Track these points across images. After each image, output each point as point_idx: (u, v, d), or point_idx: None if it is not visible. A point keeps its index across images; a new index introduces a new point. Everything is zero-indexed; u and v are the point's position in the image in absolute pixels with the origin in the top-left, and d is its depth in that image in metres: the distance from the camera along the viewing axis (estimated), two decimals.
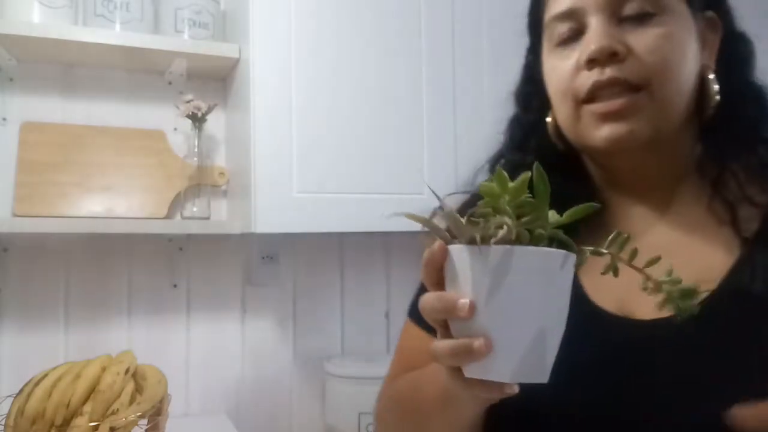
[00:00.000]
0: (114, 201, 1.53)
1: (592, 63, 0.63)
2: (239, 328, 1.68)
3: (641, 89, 0.63)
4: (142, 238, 1.59)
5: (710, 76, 0.67)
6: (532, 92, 0.75)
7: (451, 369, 0.50)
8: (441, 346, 0.49)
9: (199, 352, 1.64)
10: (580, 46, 0.65)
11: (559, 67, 0.67)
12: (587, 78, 0.64)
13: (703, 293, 0.50)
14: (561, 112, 0.68)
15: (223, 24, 1.62)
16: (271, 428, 1.69)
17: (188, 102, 1.54)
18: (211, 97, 1.60)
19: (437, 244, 0.49)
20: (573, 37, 0.66)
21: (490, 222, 0.46)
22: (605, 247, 0.50)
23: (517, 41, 0.79)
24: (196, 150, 1.58)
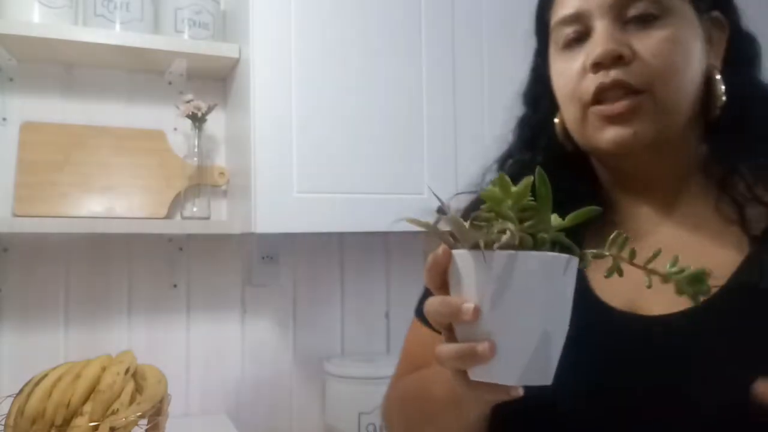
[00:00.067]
0: (114, 201, 1.53)
1: (597, 67, 0.64)
2: (239, 328, 1.68)
3: (644, 92, 0.63)
4: (142, 238, 1.59)
5: (717, 76, 0.67)
6: (540, 93, 0.75)
7: (456, 372, 0.51)
8: (445, 349, 0.50)
9: (199, 352, 1.64)
10: (586, 49, 0.66)
11: (565, 70, 0.68)
12: (592, 81, 0.65)
13: (710, 285, 0.51)
14: (568, 114, 0.69)
15: (223, 24, 1.62)
16: (271, 428, 1.69)
17: (188, 102, 1.54)
18: (211, 97, 1.60)
19: (441, 249, 0.50)
20: (579, 40, 0.67)
21: (493, 227, 0.46)
22: (606, 249, 0.51)
23: (517, 41, 0.79)
24: (196, 150, 1.58)
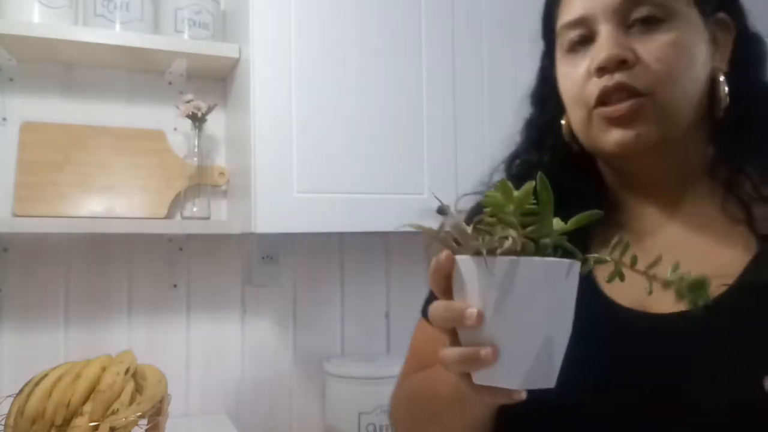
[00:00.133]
0: (114, 201, 1.53)
1: (601, 71, 0.65)
2: (239, 328, 1.68)
3: (647, 94, 0.64)
4: (142, 238, 1.59)
5: (721, 78, 0.67)
6: (547, 95, 0.76)
7: (461, 374, 0.51)
8: (449, 353, 0.50)
9: (199, 352, 1.64)
10: (590, 52, 0.67)
11: (571, 74, 0.69)
12: (596, 84, 0.65)
13: (717, 284, 0.51)
14: (574, 117, 0.70)
15: (223, 24, 1.62)
16: (271, 428, 1.69)
17: (188, 102, 1.54)
18: (211, 97, 1.60)
19: (444, 254, 0.50)
20: (584, 43, 0.68)
21: (495, 233, 0.46)
22: (608, 254, 0.51)
23: (517, 41, 0.80)
24: (196, 150, 1.58)
